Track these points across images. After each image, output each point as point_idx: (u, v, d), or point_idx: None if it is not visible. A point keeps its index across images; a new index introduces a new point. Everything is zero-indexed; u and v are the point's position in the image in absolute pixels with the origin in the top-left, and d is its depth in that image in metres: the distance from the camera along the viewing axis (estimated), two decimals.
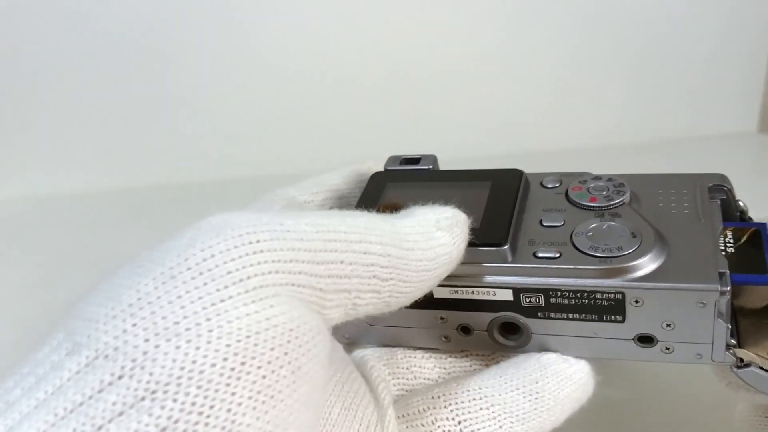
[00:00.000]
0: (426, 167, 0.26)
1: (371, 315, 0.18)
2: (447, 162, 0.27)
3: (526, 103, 0.65)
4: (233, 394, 0.13)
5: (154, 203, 0.57)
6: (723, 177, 0.24)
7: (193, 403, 0.13)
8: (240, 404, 0.14)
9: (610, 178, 0.24)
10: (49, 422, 0.13)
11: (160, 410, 0.13)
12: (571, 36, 0.63)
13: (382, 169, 0.27)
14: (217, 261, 0.15)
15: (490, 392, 0.21)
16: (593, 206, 0.23)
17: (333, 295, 0.17)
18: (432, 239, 0.19)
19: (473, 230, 0.21)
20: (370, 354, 0.24)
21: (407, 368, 0.23)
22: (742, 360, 0.20)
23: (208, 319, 0.14)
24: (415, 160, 0.26)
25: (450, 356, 0.24)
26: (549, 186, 0.25)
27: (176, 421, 0.13)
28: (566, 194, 0.24)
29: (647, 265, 0.20)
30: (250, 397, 0.14)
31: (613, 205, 0.23)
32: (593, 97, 0.65)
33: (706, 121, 0.67)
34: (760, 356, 0.20)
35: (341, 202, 0.26)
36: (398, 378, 0.23)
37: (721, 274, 0.19)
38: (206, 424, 0.13)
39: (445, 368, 0.24)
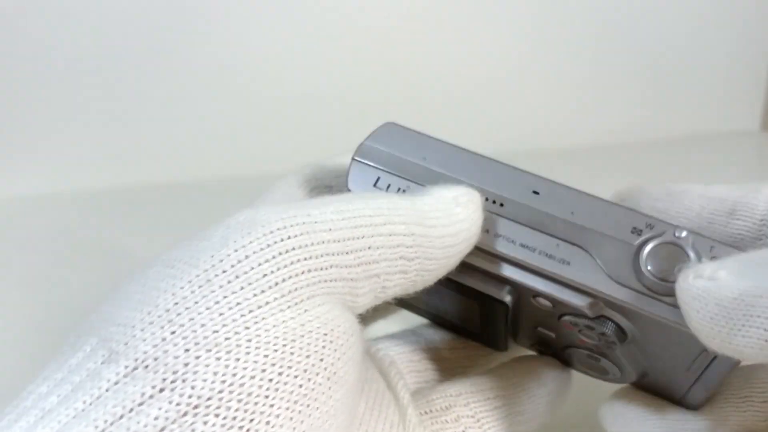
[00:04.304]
0: None
1: (398, 296, 0.18)
2: None
3: (529, 101, 0.64)
4: (272, 406, 0.14)
5: (154, 202, 0.57)
6: None
7: (234, 418, 0.13)
8: (278, 416, 0.14)
9: (604, 322, 0.19)
10: None
11: (203, 426, 0.13)
12: (574, 35, 0.63)
13: None
14: (251, 263, 0.15)
15: (501, 393, 0.22)
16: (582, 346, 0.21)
17: (363, 282, 0.17)
18: (452, 215, 0.19)
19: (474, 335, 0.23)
20: (385, 348, 0.24)
21: (421, 361, 0.24)
22: None
23: (247, 328, 0.14)
24: None
25: (464, 351, 0.25)
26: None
27: None
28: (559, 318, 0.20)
29: None
30: (287, 408, 0.14)
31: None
32: (595, 96, 0.65)
33: (709, 119, 0.67)
34: None
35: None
36: (414, 372, 0.24)
37: None
38: None
39: (459, 362, 0.25)
